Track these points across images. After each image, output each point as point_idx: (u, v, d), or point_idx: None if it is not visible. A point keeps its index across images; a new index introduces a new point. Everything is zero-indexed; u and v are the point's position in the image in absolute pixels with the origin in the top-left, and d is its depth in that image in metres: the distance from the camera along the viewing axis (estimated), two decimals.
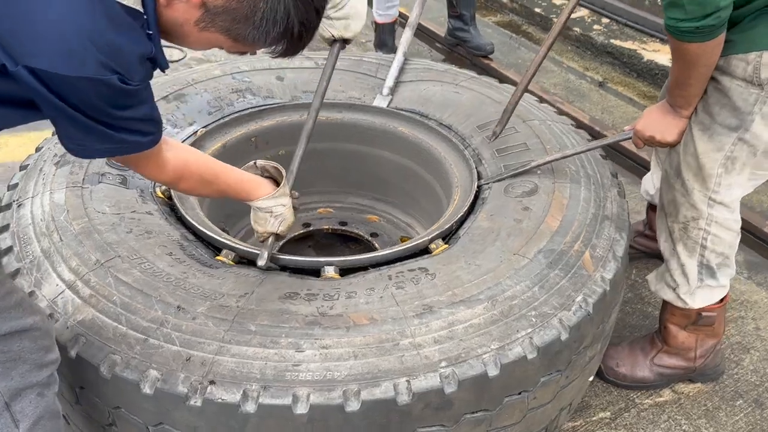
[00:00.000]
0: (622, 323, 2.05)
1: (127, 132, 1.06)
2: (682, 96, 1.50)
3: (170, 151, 1.26)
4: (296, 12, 1.00)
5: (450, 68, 2.20)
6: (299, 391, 1.15)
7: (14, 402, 1.19)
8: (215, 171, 1.39)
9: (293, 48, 1.07)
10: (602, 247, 1.48)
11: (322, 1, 1.06)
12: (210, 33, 1.03)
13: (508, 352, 1.24)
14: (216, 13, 1.00)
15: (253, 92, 2.06)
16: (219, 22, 1.01)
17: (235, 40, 1.04)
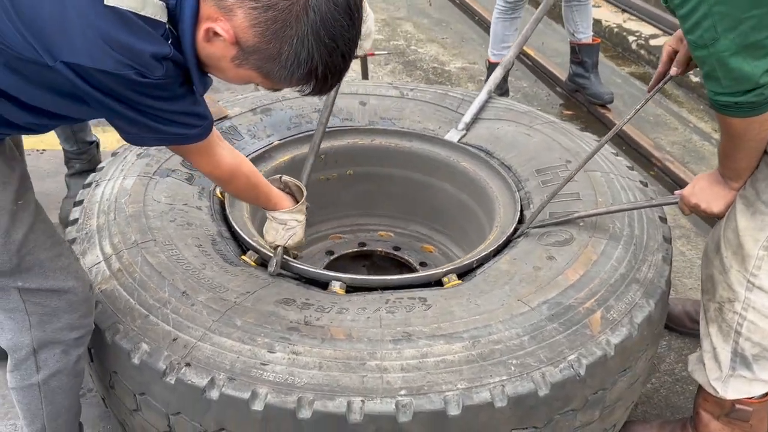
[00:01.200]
0: (665, 401, 1.87)
1: (169, 123, 1.18)
2: (730, 168, 1.37)
3: (227, 150, 1.39)
4: (319, 56, 1.06)
5: (531, 110, 2.17)
6: (259, 388, 1.21)
7: (41, 351, 1.37)
8: (259, 179, 1.52)
9: (320, 88, 1.13)
10: (619, 310, 1.38)
11: (349, 47, 1.10)
12: (244, 69, 1.12)
13: (474, 394, 1.20)
14: (249, 51, 1.08)
15: (334, 114, 2.17)
16: (252, 60, 1.09)
17: (266, 77, 1.13)
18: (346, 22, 1.07)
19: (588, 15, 3.30)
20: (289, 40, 1.05)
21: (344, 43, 1.08)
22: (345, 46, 1.09)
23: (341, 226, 2.25)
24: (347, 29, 1.08)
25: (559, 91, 3.65)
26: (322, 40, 1.05)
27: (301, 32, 1.04)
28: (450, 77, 3.85)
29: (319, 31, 1.05)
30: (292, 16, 1.03)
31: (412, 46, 4.26)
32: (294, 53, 1.06)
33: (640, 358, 1.43)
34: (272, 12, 1.03)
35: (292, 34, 1.04)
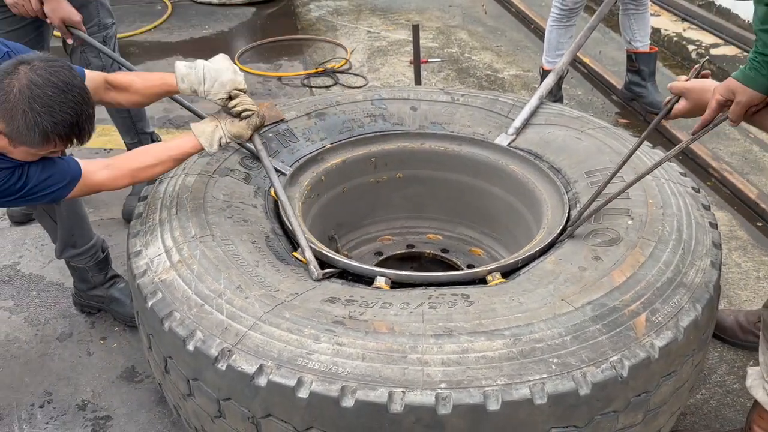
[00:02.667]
0: (715, 413, 1.82)
1: (42, 192, 1.60)
2: None
3: (106, 169, 1.69)
4: (42, 118, 1.45)
5: (583, 116, 2.17)
6: (305, 376, 1.26)
7: None
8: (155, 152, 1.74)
9: (67, 141, 1.52)
10: (664, 314, 1.37)
11: (68, 103, 1.47)
12: (19, 149, 1.51)
13: (514, 391, 1.22)
14: (10, 135, 1.47)
15: (385, 118, 2.23)
16: (15, 140, 1.48)
17: (31, 147, 1.50)
18: (56, 95, 1.45)
19: (646, 23, 3.26)
20: (20, 119, 1.45)
21: (59, 104, 1.46)
22: (61, 105, 1.46)
23: (390, 228, 2.29)
24: (59, 100, 1.45)
25: (615, 99, 3.61)
26: (38, 111, 1.44)
27: (23, 110, 1.44)
28: (503, 84, 3.85)
29: (33, 106, 1.44)
30: (12, 103, 1.44)
31: (466, 54, 4.28)
32: (25, 125, 1.45)
33: (686, 363, 1.41)
34: (5, 106, 1.45)
35: (18, 113, 1.44)
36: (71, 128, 1.49)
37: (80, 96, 1.50)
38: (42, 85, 1.45)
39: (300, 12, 4.99)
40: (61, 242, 2.10)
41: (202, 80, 1.72)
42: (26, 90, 1.44)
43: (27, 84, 1.44)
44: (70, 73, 1.50)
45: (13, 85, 1.44)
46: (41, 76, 1.46)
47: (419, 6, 5.10)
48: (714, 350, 2.06)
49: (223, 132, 1.69)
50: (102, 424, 1.88)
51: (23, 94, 1.44)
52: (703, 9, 4.37)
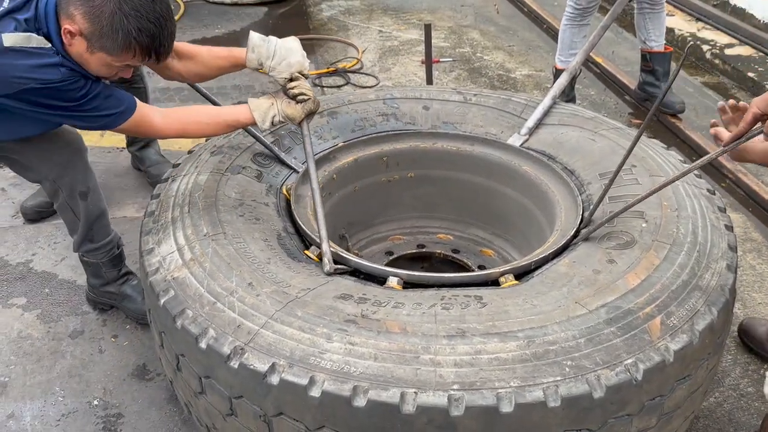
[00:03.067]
0: (728, 417, 1.81)
1: (97, 112, 1.63)
2: None
3: (160, 114, 1.74)
4: (129, 23, 1.49)
5: (596, 116, 2.15)
6: (317, 375, 1.25)
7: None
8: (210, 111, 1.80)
9: (150, 51, 1.55)
10: (679, 317, 1.36)
11: (154, 14, 1.51)
12: (96, 55, 1.55)
13: (527, 393, 1.21)
14: (90, 37, 1.52)
15: (397, 117, 2.22)
16: (96, 44, 1.52)
17: (109, 54, 1.54)
18: (146, 1, 1.50)
19: (661, 23, 3.23)
20: (106, 18, 1.48)
21: (146, 12, 1.50)
22: (148, 14, 1.50)
23: (401, 227, 2.28)
24: (148, 8, 1.50)
25: (628, 99, 3.59)
26: (126, 13, 1.48)
27: (111, 10, 1.48)
28: (515, 84, 3.84)
29: (122, 7, 1.48)
30: (105, 2, 1.48)
31: (478, 54, 4.27)
32: (110, 25, 1.48)
33: (701, 366, 1.39)
34: (93, 3, 1.49)
35: (106, 12, 1.48)
36: (153, 39, 1.52)
37: (167, 10, 1.54)
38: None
39: (312, 11, 4.99)
40: (80, 236, 2.11)
41: (272, 55, 1.77)
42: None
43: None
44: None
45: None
46: None
47: (431, 5, 5.10)
48: (728, 353, 2.05)
49: (278, 110, 1.75)
50: (113, 422, 1.89)
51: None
52: (717, 9, 4.34)
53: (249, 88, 3.67)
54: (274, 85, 3.35)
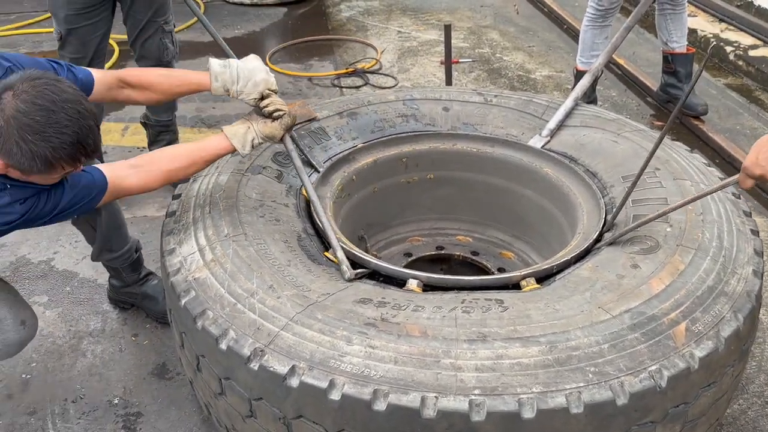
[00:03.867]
0: (753, 425, 1.77)
1: (73, 208, 1.56)
2: None
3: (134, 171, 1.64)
4: (37, 147, 1.36)
5: (619, 118, 2.13)
6: (337, 378, 1.25)
7: None
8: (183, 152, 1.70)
9: (76, 161, 1.43)
10: (705, 323, 1.34)
11: (59, 123, 1.37)
12: (33, 177, 1.43)
13: (550, 399, 1.20)
14: (16, 167, 1.40)
15: (417, 119, 2.21)
16: (24, 170, 1.41)
17: (42, 174, 1.43)
18: (45, 118, 1.36)
19: (683, 24, 3.19)
20: (15, 153, 1.37)
21: (50, 127, 1.36)
22: (52, 128, 1.37)
23: (420, 229, 2.27)
24: (50, 123, 1.36)
25: (650, 101, 3.55)
26: (31, 141, 1.35)
27: (16, 143, 1.36)
28: (535, 85, 3.81)
29: (24, 136, 1.35)
30: (4, 137, 1.36)
31: (498, 54, 4.24)
32: (23, 156, 1.37)
33: (726, 373, 1.37)
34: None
35: (13, 148, 1.36)
36: (72, 148, 1.40)
37: (73, 111, 1.39)
38: (28, 112, 1.35)
39: (331, 12, 5.00)
40: (98, 247, 2.13)
41: (236, 80, 1.72)
42: (13, 121, 1.34)
43: (12, 114, 1.35)
44: (56, 88, 1.39)
45: (1, 119, 1.36)
46: (26, 101, 1.35)
47: (450, 6, 5.08)
48: (752, 359, 2.01)
49: (255, 133, 1.69)
50: (133, 421, 1.90)
51: (11, 125, 1.35)
52: (741, 9, 4.27)
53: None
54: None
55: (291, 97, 3.64)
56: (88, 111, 1.42)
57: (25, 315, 1.79)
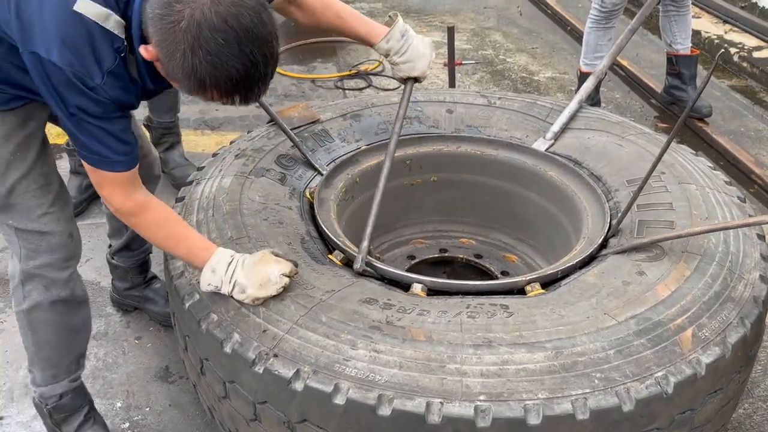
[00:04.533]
0: (758, 429, 1.77)
1: (93, 139, 1.34)
2: None
3: (142, 192, 1.46)
4: (202, 67, 1.18)
5: (624, 121, 2.12)
6: (342, 383, 1.24)
7: (27, 282, 1.64)
8: (178, 225, 1.50)
9: (228, 98, 1.25)
10: (711, 329, 1.33)
11: (241, 57, 1.19)
12: (171, 79, 1.28)
13: (555, 405, 1.19)
14: (166, 69, 1.25)
15: (421, 120, 2.21)
16: (171, 76, 1.26)
17: (185, 89, 1.27)
18: (226, 44, 1.17)
19: (687, 25, 3.18)
20: (177, 60, 1.20)
21: (227, 57, 1.18)
22: (229, 58, 1.18)
23: (423, 231, 2.27)
24: (228, 52, 1.17)
25: (654, 103, 3.54)
26: (200, 58, 1.18)
27: (182, 52, 1.18)
28: (539, 87, 3.80)
29: (195, 50, 1.17)
30: (174, 37, 1.18)
31: (501, 56, 4.24)
32: (182, 67, 1.21)
33: (733, 380, 1.37)
34: (164, 35, 1.20)
35: (177, 53, 1.19)
36: (235, 86, 1.22)
37: (259, 50, 1.20)
38: (215, 27, 1.16)
39: None
40: (122, 244, 2.14)
41: (402, 52, 1.74)
42: (194, 28, 1.16)
43: (199, 20, 1.15)
44: (258, 18, 1.19)
45: (183, 14, 1.16)
46: (219, 13, 1.16)
47: (453, 7, 5.07)
48: (758, 363, 2.00)
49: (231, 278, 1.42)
50: (136, 423, 1.90)
51: (189, 32, 1.16)
52: (745, 11, 4.26)
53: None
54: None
55: (294, 99, 3.63)
56: (274, 56, 1.24)
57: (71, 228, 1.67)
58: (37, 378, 1.77)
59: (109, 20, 1.26)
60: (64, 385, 1.78)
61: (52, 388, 1.77)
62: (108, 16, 1.26)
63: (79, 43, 1.25)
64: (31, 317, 1.67)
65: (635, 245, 1.56)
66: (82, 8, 1.24)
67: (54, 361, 1.74)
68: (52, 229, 1.59)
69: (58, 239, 1.61)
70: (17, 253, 1.62)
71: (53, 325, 1.69)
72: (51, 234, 1.60)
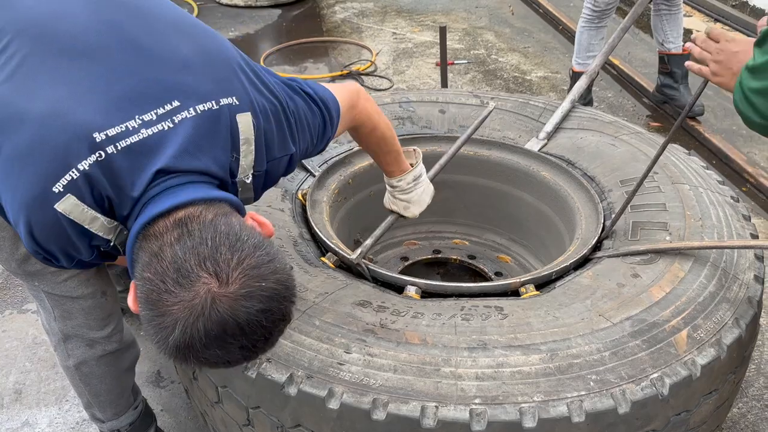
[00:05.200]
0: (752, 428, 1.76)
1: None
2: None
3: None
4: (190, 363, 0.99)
5: (616, 120, 2.12)
6: (336, 387, 1.23)
7: (68, 341, 1.52)
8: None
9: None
10: (707, 330, 1.33)
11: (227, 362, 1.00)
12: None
13: (551, 408, 1.18)
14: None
15: (414, 121, 2.20)
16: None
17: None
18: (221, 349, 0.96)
19: (679, 24, 3.19)
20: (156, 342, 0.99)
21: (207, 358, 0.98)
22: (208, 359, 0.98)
23: (416, 232, 2.26)
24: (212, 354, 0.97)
25: (646, 102, 3.54)
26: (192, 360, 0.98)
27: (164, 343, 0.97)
28: (531, 87, 3.80)
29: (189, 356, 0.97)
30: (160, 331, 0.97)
31: (493, 56, 4.23)
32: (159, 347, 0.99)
33: (728, 380, 1.36)
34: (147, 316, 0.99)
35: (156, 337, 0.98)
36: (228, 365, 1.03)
37: (260, 342, 1.00)
38: (207, 341, 0.95)
39: (325, 14, 4.98)
40: None
41: (398, 201, 1.75)
42: (181, 337, 0.95)
43: (187, 331, 0.94)
44: (261, 315, 0.97)
45: (174, 312, 0.94)
46: (213, 318, 0.94)
47: (445, 7, 5.06)
48: (751, 362, 2.01)
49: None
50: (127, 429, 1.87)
51: (180, 346, 0.96)
52: (736, 9, 4.28)
53: None
54: None
55: None
56: (269, 337, 1.02)
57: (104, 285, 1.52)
58: (98, 415, 1.70)
59: (94, 223, 1.08)
60: (130, 415, 1.72)
61: (119, 422, 1.71)
62: (94, 219, 1.07)
63: (49, 239, 1.08)
64: (81, 372, 1.58)
65: (630, 252, 1.55)
66: (66, 208, 1.03)
67: (113, 401, 1.67)
68: (82, 293, 1.44)
69: (90, 301, 1.46)
70: (51, 314, 1.48)
71: (105, 375, 1.60)
72: (82, 297, 1.45)
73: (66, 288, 1.43)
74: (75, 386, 1.64)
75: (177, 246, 0.98)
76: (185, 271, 0.95)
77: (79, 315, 1.47)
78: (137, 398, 1.74)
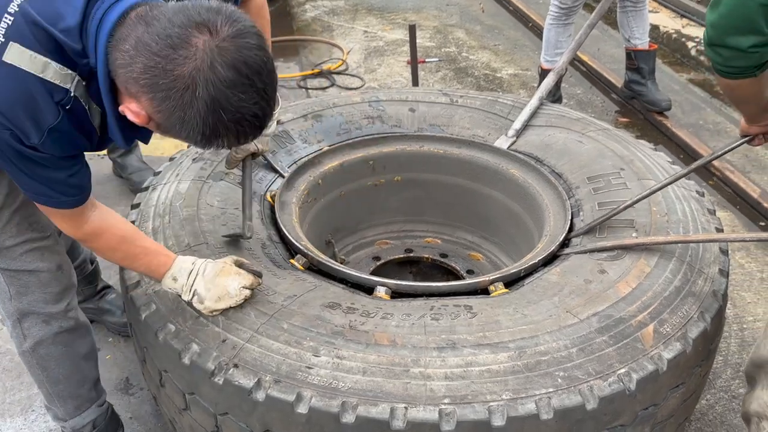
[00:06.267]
0: (720, 419, 1.79)
1: (36, 182, 1.21)
2: None
3: (96, 213, 1.34)
4: (228, 130, 1.07)
5: (584, 117, 2.13)
6: (304, 391, 1.22)
7: (23, 320, 1.53)
8: (138, 241, 1.40)
9: (231, 143, 1.12)
10: (673, 324, 1.34)
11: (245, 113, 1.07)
12: (168, 135, 1.14)
13: (519, 406, 1.18)
14: (161, 126, 1.12)
15: (383, 120, 2.19)
16: (169, 132, 1.13)
17: (185, 140, 1.13)
18: (242, 93, 1.05)
19: (644, 20, 3.22)
20: (192, 121, 1.06)
21: (249, 114, 1.07)
22: (250, 116, 1.07)
23: (388, 232, 2.25)
24: (249, 101, 1.06)
25: (615, 98, 3.58)
26: (224, 123, 1.06)
27: (201, 117, 1.05)
28: (502, 84, 3.82)
29: (219, 114, 1.05)
30: (182, 100, 1.04)
31: (464, 53, 4.24)
32: (193, 128, 1.07)
33: (694, 374, 1.38)
34: (165, 99, 1.04)
35: (190, 117, 1.05)
36: (253, 129, 1.11)
37: (270, 86, 1.09)
38: (231, 83, 1.03)
39: (295, 12, 4.94)
40: None
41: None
42: (209, 89, 1.02)
43: (211, 80, 1.02)
44: (261, 52, 1.07)
45: (186, 73, 1.01)
46: (229, 63, 1.02)
47: (416, 5, 5.06)
48: (719, 354, 2.04)
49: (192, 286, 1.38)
50: None
51: (202, 95, 1.03)
52: (702, 5, 4.34)
53: None
54: None
55: None
56: (275, 85, 1.11)
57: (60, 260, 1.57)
58: (59, 413, 1.69)
59: (47, 70, 1.09)
60: (93, 412, 1.70)
61: (81, 419, 1.69)
62: (45, 65, 1.08)
63: (11, 101, 1.09)
64: (38, 355, 1.58)
65: (597, 248, 1.56)
66: (14, 58, 1.07)
67: (72, 391, 1.66)
68: (38, 266, 1.49)
69: (46, 275, 1.51)
70: (6, 293, 1.51)
71: (62, 357, 1.60)
72: (39, 270, 1.50)
73: (22, 262, 1.47)
74: (33, 374, 1.63)
75: (151, 29, 1.03)
76: (176, 38, 1.02)
77: (36, 289, 1.50)
78: (101, 397, 1.73)
